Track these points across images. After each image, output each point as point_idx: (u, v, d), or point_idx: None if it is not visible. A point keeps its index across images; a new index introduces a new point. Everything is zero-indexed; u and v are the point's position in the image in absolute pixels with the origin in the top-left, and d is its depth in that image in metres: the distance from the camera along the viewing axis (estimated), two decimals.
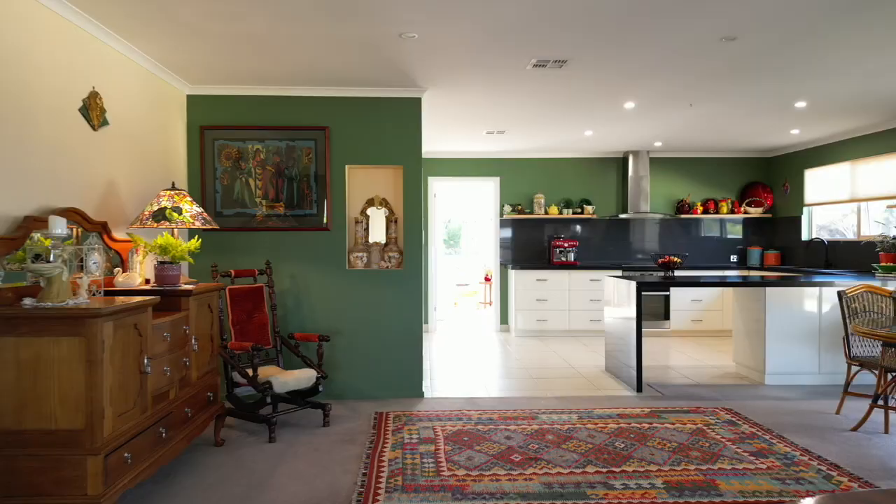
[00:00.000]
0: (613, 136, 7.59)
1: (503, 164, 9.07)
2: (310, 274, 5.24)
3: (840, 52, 4.31)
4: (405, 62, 4.49)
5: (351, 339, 5.26)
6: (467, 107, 5.95)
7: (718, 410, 4.79)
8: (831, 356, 5.68)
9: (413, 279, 5.29)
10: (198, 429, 3.71)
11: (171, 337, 3.35)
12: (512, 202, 9.04)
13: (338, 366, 5.25)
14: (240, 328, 4.61)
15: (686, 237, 9.18)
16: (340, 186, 5.26)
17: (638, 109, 6.06)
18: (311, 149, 5.22)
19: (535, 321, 8.49)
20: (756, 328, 5.81)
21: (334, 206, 5.25)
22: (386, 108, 5.26)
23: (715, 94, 5.49)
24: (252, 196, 5.21)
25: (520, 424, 4.45)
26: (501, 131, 7.22)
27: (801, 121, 6.63)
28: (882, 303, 4.74)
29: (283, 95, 5.20)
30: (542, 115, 6.32)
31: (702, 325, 8.48)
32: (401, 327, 5.29)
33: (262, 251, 5.20)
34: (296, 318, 5.23)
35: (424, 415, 4.72)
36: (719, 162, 9.17)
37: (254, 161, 5.21)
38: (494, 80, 4.97)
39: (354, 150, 5.26)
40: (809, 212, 8.33)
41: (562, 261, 8.70)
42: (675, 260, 5.93)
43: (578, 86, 5.17)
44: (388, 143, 5.28)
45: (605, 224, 9.15)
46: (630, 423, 4.45)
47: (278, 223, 5.20)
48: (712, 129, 7.15)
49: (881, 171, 6.89)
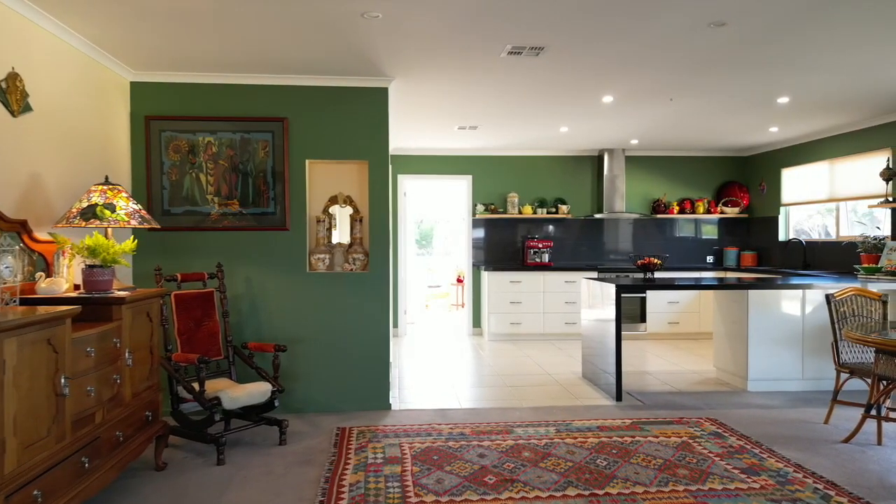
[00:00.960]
0: (589, 133, 7.32)
1: (476, 162, 8.75)
2: (267, 277, 4.84)
3: (828, 45, 4.07)
4: (369, 47, 4.12)
5: (312, 348, 4.87)
6: (438, 99, 5.60)
7: (703, 421, 4.53)
8: (815, 361, 5.48)
9: (379, 282, 4.92)
10: (132, 453, 3.29)
11: (98, 351, 2.93)
12: (485, 201, 8.73)
13: (297, 376, 4.86)
14: (187, 338, 4.19)
15: (662, 237, 8.97)
16: (300, 183, 4.87)
17: (616, 104, 5.79)
18: (267, 142, 4.82)
19: (509, 324, 8.19)
20: (738, 332, 5.58)
21: (294, 204, 4.86)
22: (350, 98, 4.89)
23: (696, 89, 5.24)
24: (203, 193, 4.78)
25: (494, 440, 4.12)
26: (474, 127, 6.89)
27: (781, 118, 6.44)
28: (871, 306, 4.53)
29: (236, 84, 4.79)
30: (517, 109, 6.01)
31: (679, 328, 8.27)
32: (366, 334, 4.91)
33: (214, 253, 4.78)
34: (252, 325, 4.82)
35: (391, 430, 4.36)
36: (695, 161, 8.98)
37: (205, 155, 4.78)
38: (467, 69, 4.64)
39: (315, 144, 4.88)
40: (786, 212, 8.18)
41: (536, 262, 8.42)
42: (654, 261, 5.68)
43: (555, 77, 4.86)
44: (353, 136, 4.90)
45: (580, 224, 8.90)
46: (611, 437, 4.16)
47: (234, 222, 4.79)
48: (690, 126, 6.93)
49: (860, 169, 6.74)
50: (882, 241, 6.19)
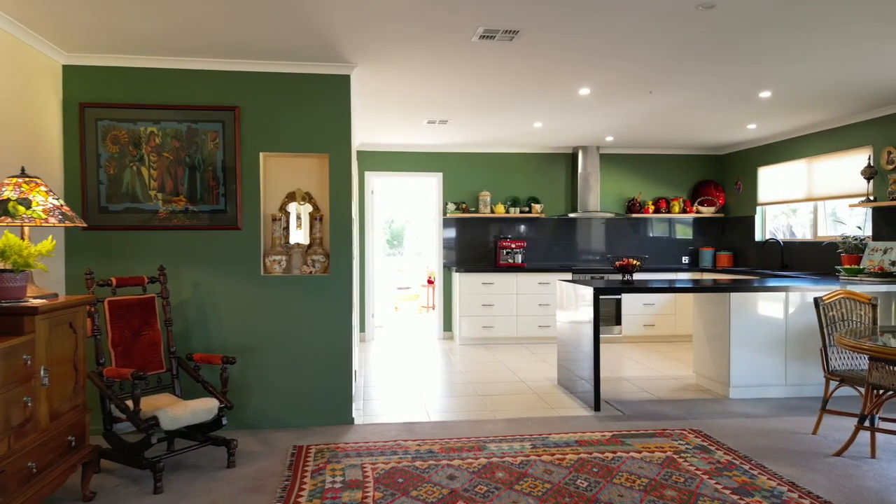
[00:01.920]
0: (564, 129, 7.03)
1: (446, 159, 8.41)
2: (217, 281, 4.42)
3: (819, 32, 3.83)
4: (329, 28, 3.74)
5: (267, 358, 4.47)
6: (406, 90, 5.24)
7: (686, 433, 4.25)
8: (798, 366, 5.26)
9: (341, 285, 4.54)
10: (51, 485, 2.86)
11: (3, 370, 2.50)
12: (456, 200, 8.39)
13: (251, 389, 4.45)
14: (123, 350, 3.75)
15: (636, 237, 8.75)
16: (254, 178, 4.46)
17: (593, 97, 5.50)
18: (217, 133, 4.40)
19: (481, 328, 7.87)
20: (719, 337, 5.34)
21: (247, 201, 4.45)
22: (308, 85, 4.50)
23: (678, 81, 4.98)
24: (146, 188, 4.34)
25: (465, 458, 3.77)
26: (444, 121, 6.54)
27: (761, 114, 6.24)
28: (861, 310, 4.31)
29: (183, 69, 4.36)
30: (489, 102, 5.68)
31: (654, 331, 8.05)
32: (327, 342, 4.53)
33: (158, 254, 4.34)
34: (200, 334, 4.40)
35: (353, 448, 3.99)
36: (671, 159, 8.78)
37: (147, 146, 4.34)
38: (436, 55, 4.29)
39: (271, 136, 4.47)
40: (763, 211, 8.02)
41: (509, 263, 8.11)
42: (633, 262, 5.40)
43: (530, 66, 4.55)
44: (312, 127, 4.51)
45: (554, 224, 8.62)
46: (591, 453, 3.85)
47: (183, 221, 4.36)
48: (668, 122, 6.69)
49: (839, 168, 6.58)
50: (863, 241, 6.02)
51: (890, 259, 5.59)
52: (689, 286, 5.12)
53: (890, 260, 5.58)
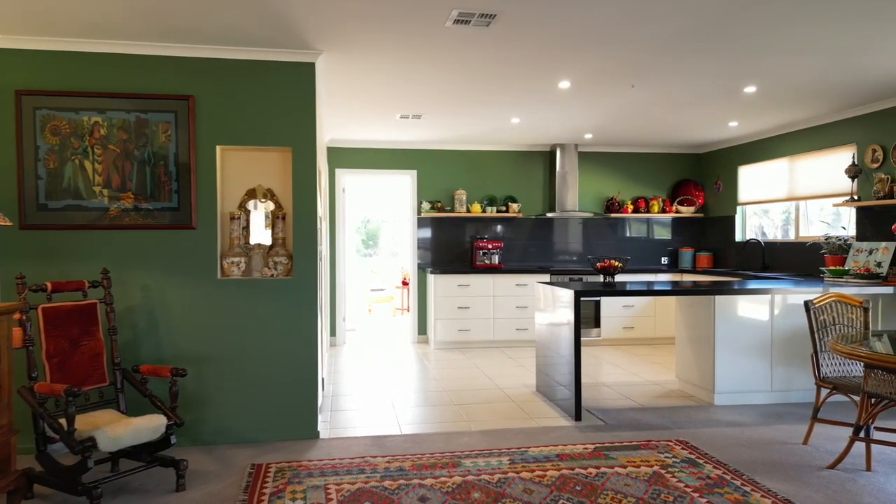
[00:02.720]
0: (542, 125, 6.79)
1: (420, 156, 8.11)
2: (169, 285, 4.07)
3: (806, 24, 3.63)
4: (290, 10, 3.43)
5: (225, 368, 4.13)
6: (376, 80, 4.94)
7: (672, 444, 4.03)
8: (783, 371, 5.09)
9: (305, 289, 4.22)
10: None
11: None
12: (431, 199, 8.10)
13: (208, 402, 4.11)
14: (59, 362, 3.39)
15: (615, 238, 8.55)
16: (210, 173, 4.12)
17: (573, 91, 5.26)
18: (169, 124, 4.05)
19: (457, 331, 7.59)
20: (703, 342, 5.13)
21: (202, 198, 4.11)
22: (270, 74, 4.17)
23: (661, 74, 4.76)
24: (90, 184, 3.98)
25: (438, 476, 3.49)
26: (418, 116, 6.25)
27: (743, 111, 6.06)
28: (852, 314, 4.12)
29: (131, 54, 4.00)
30: (465, 95, 5.40)
31: (634, 333, 7.85)
32: (290, 350, 4.21)
33: (102, 256, 3.98)
34: (150, 343, 4.04)
35: (317, 466, 3.68)
36: (650, 158, 8.60)
37: (92, 138, 3.98)
38: (407, 41, 4.00)
39: (229, 128, 4.14)
40: (743, 211, 7.88)
41: (485, 264, 7.85)
42: (615, 264, 5.17)
43: (508, 55, 4.28)
44: (274, 119, 4.19)
45: (532, 223, 8.38)
46: (574, 469, 3.59)
47: (137, 219, 4.00)
48: (649, 119, 6.49)
49: (822, 167, 6.44)
50: (847, 241, 5.88)
51: (875, 260, 5.44)
52: (673, 289, 4.90)
53: (875, 261, 5.44)
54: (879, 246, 5.49)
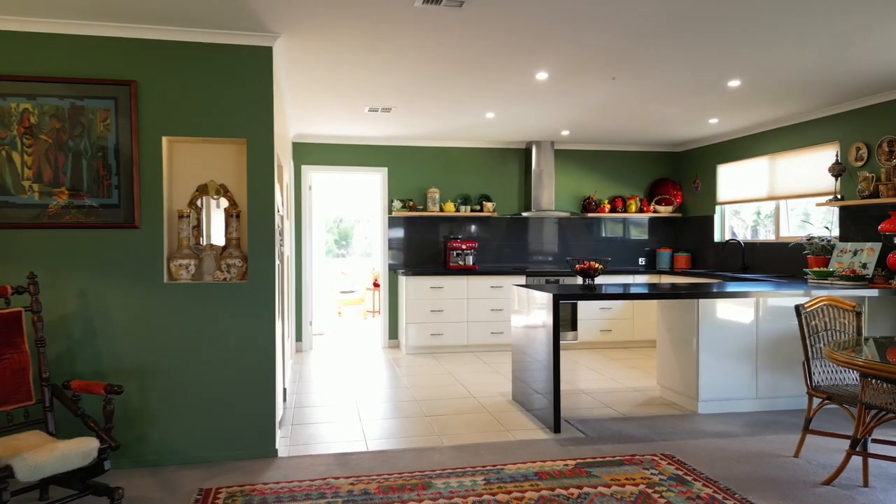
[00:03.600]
0: (518, 120, 6.52)
1: (391, 153, 7.78)
2: (109, 290, 3.68)
3: (795, 12, 3.40)
4: None
5: (172, 381, 3.75)
6: (340, 67, 4.60)
7: (658, 459, 3.77)
8: (769, 378, 4.88)
9: (262, 293, 3.87)
10: None
11: None
12: (402, 197, 7.77)
13: (152, 418, 3.73)
14: None
15: (592, 238, 8.32)
16: (155, 166, 3.74)
17: (550, 83, 4.99)
18: (109, 112, 3.66)
19: (430, 336, 7.27)
20: (686, 347, 4.90)
21: (146, 195, 3.72)
22: (223, 58, 3.81)
23: (643, 65, 4.51)
24: (18, 177, 3.57)
25: (406, 501, 3.17)
26: (387, 109, 5.92)
27: (725, 106, 5.86)
28: (844, 318, 3.92)
29: (65, 33, 3.60)
30: (436, 86, 5.09)
31: (611, 336, 7.63)
32: (246, 361, 3.85)
33: (32, 259, 3.57)
34: (87, 355, 3.64)
35: (272, 490, 3.33)
36: (628, 156, 8.39)
37: (19, 127, 3.57)
38: (372, 24, 3.67)
39: (176, 117, 3.76)
40: (722, 211, 7.71)
41: (459, 265, 7.55)
42: (596, 266, 4.91)
43: (483, 41, 3.98)
44: (226, 107, 3.82)
45: (507, 223, 8.10)
46: (554, 489, 3.30)
47: (76, 217, 3.60)
48: (628, 115, 6.26)
49: (803, 165, 6.28)
50: (830, 242, 5.71)
51: (861, 261, 5.28)
52: (658, 293, 4.66)
53: (861, 262, 5.27)
54: (864, 246, 5.33)
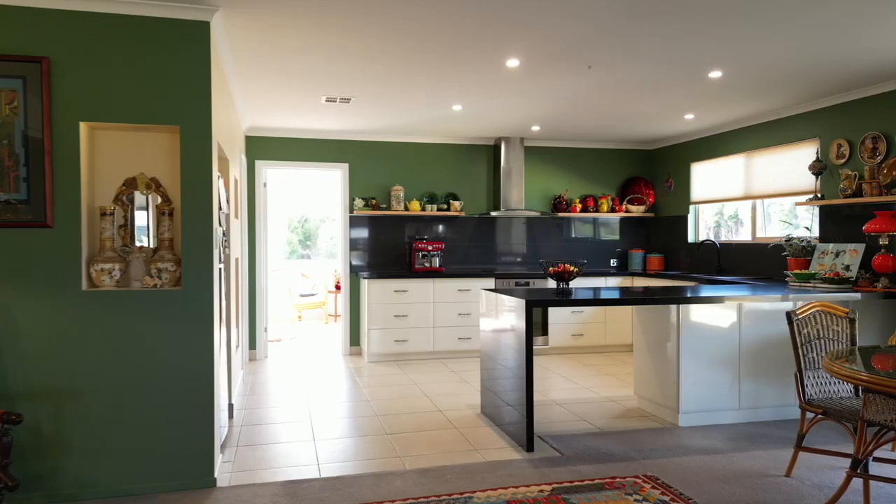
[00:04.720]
0: (486, 114, 6.15)
1: (352, 148, 7.34)
2: (17, 300, 3.17)
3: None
4: None
5: (92, 403, 3.26)
6: (292, 49, 4.16)
7: (641, 482, 3.43)
8: (751, 387, 4.61)
9: (198, 301, 3.40)
10: None
11: None
12: (364, 195, 7.34)
13: (69, 447, 3.23)
14: None
15: (562, 238, 8.01)
16: (72, 157, 3.24)
17: (522, 71, 4.63)
18: (15, 92, 3.16)
19: (393, 342, 6.86)
20: (665, 356, 4.60)
21: (61, 189, 3.23)
22: (151, 33, 3.33)
23: (621, 54, 4.18)
24: None
25: None
26: (346, 99, 5.49)
27: (703, 101, 5.59)
28: (837, 325, 3.64)
29: None
30: (400, 73, 4.69)
31: (583, 341, 7.33)
32: (179, 378, 3.38)
33: None
34: None
35: None
36: (599, 154, 8.11)
37: None
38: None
39: (97, 100, 3.27)
40: (696, 210, 7.48)
41: (425, 267, 7.15)
42: (571, 269, 4.57)
43: (448, 19, 3.59)
44: (156, 90, 3.35)
45: (475, 223, 7.74)
46: None
47: None
48: (601, 108, 5.95)
49: (780, 162, 6.06)
50: (810, 243, 5.49)
51: (843, 263, 5.05)
52: (636, 297, 4.33)
53: (843, 264, 5.05)
54: (847, 248, 5.11)
